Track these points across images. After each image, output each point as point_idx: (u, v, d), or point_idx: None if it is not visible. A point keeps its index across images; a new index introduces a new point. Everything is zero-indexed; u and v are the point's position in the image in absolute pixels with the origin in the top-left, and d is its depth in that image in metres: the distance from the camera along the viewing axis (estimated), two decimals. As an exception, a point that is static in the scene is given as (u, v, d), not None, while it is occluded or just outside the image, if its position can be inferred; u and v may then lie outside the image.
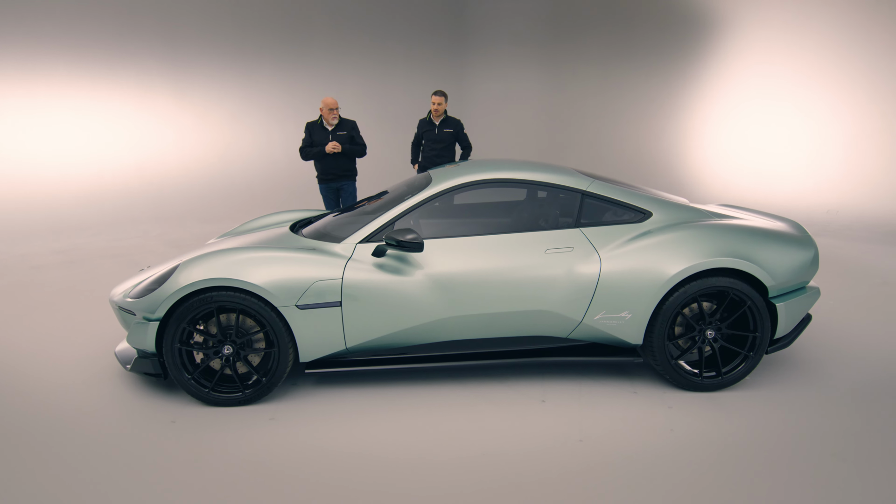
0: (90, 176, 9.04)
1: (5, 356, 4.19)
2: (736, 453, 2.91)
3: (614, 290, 3.45)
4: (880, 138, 8.56)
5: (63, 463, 2.88)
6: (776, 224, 3.89)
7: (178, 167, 9.83)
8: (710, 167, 10.75)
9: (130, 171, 9.41)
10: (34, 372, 3.92)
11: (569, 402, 3.45)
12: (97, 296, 5.55)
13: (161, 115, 9.72)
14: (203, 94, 10.07)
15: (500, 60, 13.13)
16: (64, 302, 5.39)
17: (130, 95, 9.38)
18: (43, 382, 3.76)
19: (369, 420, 3.26)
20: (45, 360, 4.11)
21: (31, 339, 4.49)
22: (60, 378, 3.81)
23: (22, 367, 4.00)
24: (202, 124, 10.11)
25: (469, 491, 2.64)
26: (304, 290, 3.32)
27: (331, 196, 6.59)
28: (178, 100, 9.84)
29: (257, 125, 10.67)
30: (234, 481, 2.73)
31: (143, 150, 9.57)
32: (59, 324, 4.82)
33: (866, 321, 4.67)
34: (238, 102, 10.46)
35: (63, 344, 4.39)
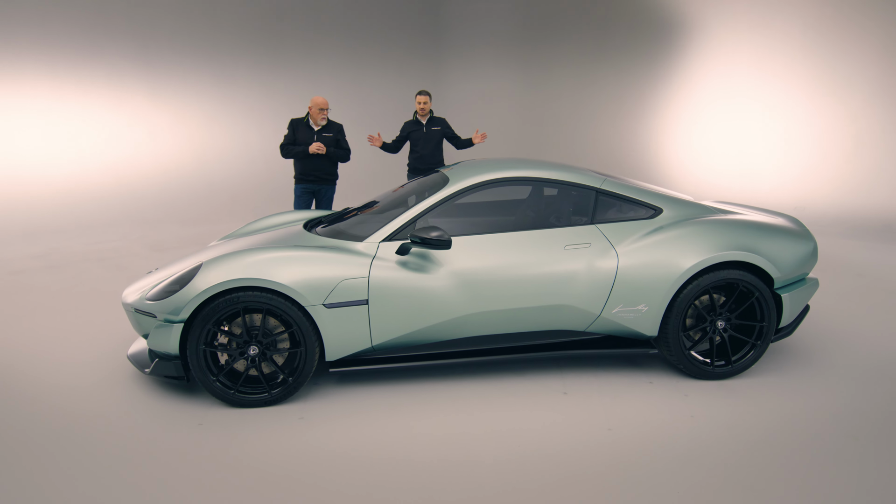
0: (63, 178, 8.78)
1: (11, 361, 4.06)
2: (758, 436, 3.05)
3: (632, 284, 3.57)
4: (845, 136, 8.99)
5: (95, 469, 2.83)
6: (776, 219, 4.08)
7: (154, 168, 9.62)
8: (681, 165, 11.09)
9: (105, 173, 9.17)
10: (47, 378, 3.81)
11: (590, 393, 3.55)
12: (91, 300, 5.41)
13: (135, 116, 9.50)
14: (178, 94, 9.88)
15: (476, 61, 13.25)
16: (57, 307, 5.24)
17: (103, 96, 9.14)
18: (58, 388, 3.66)
19: (400, 417, 3.30)
20: (54, 363, 4.00)
21: (35, 344, 4.36)
22: (72, 381, 3.72)
23: (32, 373, 3.89)
24: (178, 125, 9.91)
25: (515, 486, 2.70)
26: (332, 289, 3.33)
27: (305, 198, 6.38)
28: (153, 100, 9.64)
29: (234, 125, 10.52)
30: (272, 481, 2.73)
31: (117, 152, 9.34)
32: (59, 329, 4.68)
33: (853, 312, 4.92)
34: (214, 102, 10.30)
35: (68, 348, 4.28)
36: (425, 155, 6.74)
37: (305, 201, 6.43)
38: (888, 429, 3.12)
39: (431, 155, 6.76)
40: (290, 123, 6.31)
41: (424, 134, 6.73)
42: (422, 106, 6.69)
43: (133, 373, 3.87)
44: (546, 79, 12.91)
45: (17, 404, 3.46)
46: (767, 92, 9.86)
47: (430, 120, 6.77)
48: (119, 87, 9.27)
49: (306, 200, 6.44)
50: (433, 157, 6.77)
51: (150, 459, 2.90)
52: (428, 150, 6.74)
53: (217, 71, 10.25)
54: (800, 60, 9.41)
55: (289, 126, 6.30)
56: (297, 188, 6.39)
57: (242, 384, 3.40)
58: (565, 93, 12.70)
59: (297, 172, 6.36)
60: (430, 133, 6.74)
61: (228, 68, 10.37)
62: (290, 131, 6.27)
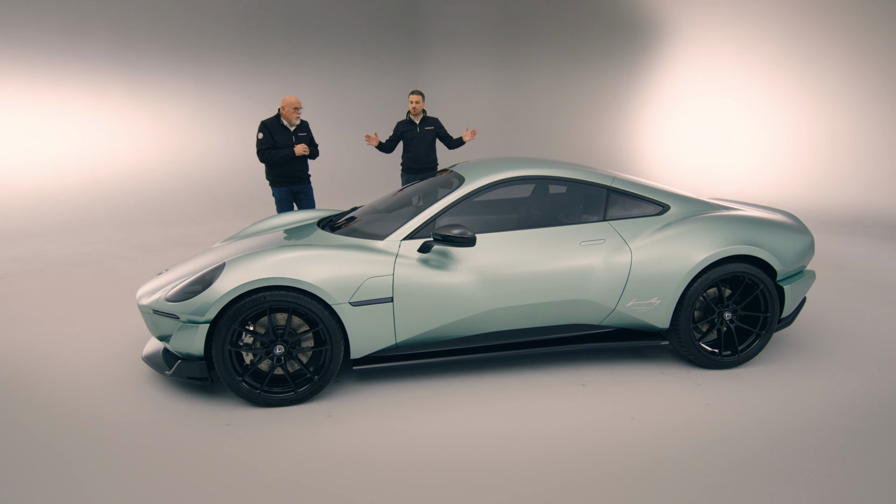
0: (39, 179, 8.52)
1: (24, 365, 3.96)
2: (773, 420, 3.20)
3: (645, 279, 3.69)
4: (818, 134, 9.36)
5: (126, 472, 2.80)
6: (775, 214, 4.27)
7: (134, 169, 9.42)
8: (656, 163, 11.38)
9: (83, 174, 8.94)
10: (64, 381, 3.73)
11: (606, 384, 3.67)
12: (85, 304, 5.30)
13: (114, 116, 9.29)
14: (157, 94, 9.69)
15: (455, 61, 13.33)
16: (49, 313, 5.12)
17: (80, 95, 8.92)
18: (77, 392, 3.60)
19: (426, 412, 3.35)
20: (67, 367, 3.92)
21: (41, 349, 4.26)
22: (91, 384, 3.66)
23: (47, 377, 3.81)
24: (157, 125, 9.73)
25: (553, 480, 2.78)
26: (357, 287, 3.36)
27: (287, 199, 6.21)
28: (132, 99, 9.43)
29: (215, 125, 10.38)
30: (307, 481, 2.75)
31: (96, 152, 9.12)
32: (60, 333, 4.58)
33: (839, 302, 5.15)
34: (194, 102, 10.14)
35: (76, 352, 4.20)
36: (419, 154, 6.79)
37: (288, 203, 6.25)
38: (893, 410, 3.31)
39: (425, 155, 6.81)
40: (263, 126, 5.98)
41: (418, 134, 6.77)
42: (414, 105, 6.73)
43: (148, 375, 3.83)
44: (524, 78, 13.07)
45: (38, 408, 3.39)
46: (741, 91, 10.20)
47: (424, 120, 6.81)
48: (97, 87, 9.05)
49: (289, 203, 6.27)
50: (427, 157, 6.82)
51: (182, 461, 2.89)
52: (422, 149, 6.79)
53: (197, 70, 10.09)
54: (772, 60, 9.76)
55: (261, 129, 5.96)
56: (279, 191, 6.12)
57: (267, 383, 3.40)
58: (543, 92, 12.88)
59: (275, 176, 6.07)
60: (424, 133, 6.79)
61: (209, 68, 10.22)
62: (265, 134, 5.94)
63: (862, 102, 8.89)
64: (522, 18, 12.92)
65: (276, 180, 6.10)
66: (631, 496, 2.59)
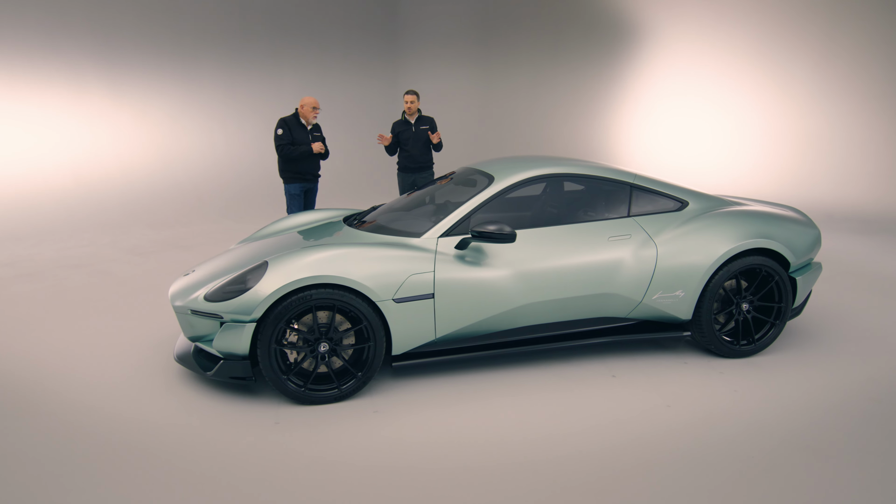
0: (20, 180, 8.24)
1: (43, 372, 3.87)
2: (799, 404, 3.39)
3: (670, 272, 3.85)
4: (790, 133, 9.78)
5: (182, 476, 2.80)
6: (784, 210, 4.49)
7: (117, 170, 9.19)
8: (636, 162, 11.68)
9: (64, 175, 8.69)
10: (92, 390, 3.67)
11: (635, 375, 3.80)
12: (91, 308, 5.19)
13: (95, 115, 9.05)
14: (140, 93, 9.48)
15: (434, 61, 13.41)
16: (56, 317, 4.99)
17: (61, 94, 8.66)
18: (114, 399, 3.55)
19: (468, 405, 3.42)
20: (92, 374, 3.85)
21: (52, 355, 4.16)
22: (126, 391, 3.61)
23: (73, 385, 3.73)
24: (140, 124, 9.52)
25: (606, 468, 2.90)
26: (400, 284, 3.42)
27: (300, 196, 6.33)
28: (114, 99, 9.21)
29: (198, 125, 10.20)
30: (369, 474, 2.80)
31: (77, 152, 8.86)
32: (74, 339, 4.49)
33: (834, 294, 5.43)
34: (177, 102, 9.95)
35: (98, 359, 4.12)
36: (415, 154, 6.84)
37: (300, 200, 6.38)
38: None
39: (421, 154, 6.86)
40: (283, 122, 6.17)
41: (413, 133, 6.82)
42: (409, 105, 6.78)
43: (181, 376, 3.79)
44: (503, 78, 13.23)
45: (79, 419, 3.34)
46: (715, 91, 10.57)
47: (419, 119, 6.87)
48: (78, 86, 8.81)
49: (301, 199, 6.39)
50: (423, 156, 6.88)
51: (242, 462, 2.90)
52: (417, 149, 6.84)
53: (180, 69, 9.90)
54: (746, 60, 10.15)
55: (281, 125, 6.15)
56: (293, 187, 6.28)
57: (313, 381, 3.42)
58: (522, 92, 13.07)
59: (291, 172, 6.24)
60: (419, 132, 6.84)
61: (191, 67, 10.04)
62: (285, 130, 6.13)
63: (832, 102, 9.33)
64: (501, 19, 13.08)
65: (292, 177, 6.23)
66: (688, 480, 2.72)
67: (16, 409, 3.40)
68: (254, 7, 10.81)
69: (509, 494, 2.61)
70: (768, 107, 10.00)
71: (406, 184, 6.88)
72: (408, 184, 6.88)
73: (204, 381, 3.72)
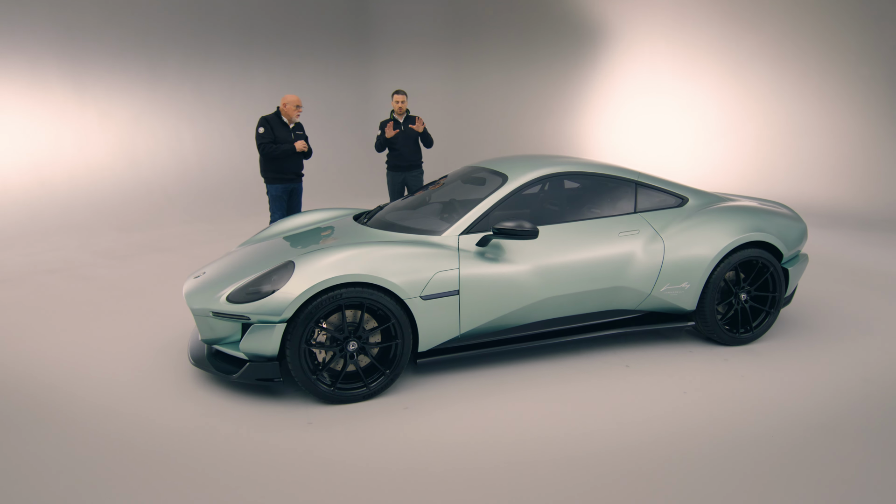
0: (-20, 183, 7.84)
1: (59, 379, 3.74)
2: (806, 386, 3.61)
3: (677, 265, 4.02)
4: (750, 130, 10.24)
5: (229, 481, 2.78)
6: (774, 205, 4.74)
7: (82, 170, 8.84)
8: (604, 160, 11.99)
9: (26, 175, 8.30)
10: (111, 396, 3.57)
11: (647, 364, 3.96)
12: (83, 314, 5.02)
13: (58, 114, 8.68)
14: (105, 91, 9.14)
15: (404, 60, 13.41)
16: (53, 323, 4.81)
17: (23, 93, 8.27)
18: (137, 406, 3.46)
19: (495, 398, 3.50)
20: (106, 378, 3.74)
21: (64, 360, 4.02)
22: (145, 397, 3.53)
23: (90, 392, 3.62)
24: (105, 123, 9.18)
25: (627, 450, 3.03)
26: (427, 282, 3.46)
27: (284, 197, 6.18)
28: (78, 97, 8.85)
29: (166, 124, 9.91)
30: (409, 469, 2.84)
31: (41, 153, 8.48)
32: (80, 345, 4.34)
33: (812, 285, 5.75)
34: (143, 100, 9.64)
35: (112, 363, 4.00)
36: (405, 153, 6.86)
37: (284, 201, 6.22)
38: (890, 373, 3.81)
39: (411, 153, 6.89)
40: (264, 121, 6.01)
41: (403, 132, 6.84)
42: (399, 105, 6.80)
43: (198, 380, 3.73)
44: (473, 77, 13.35)
45: (106, 429, 3.25)
46: (680, 89, 10.97)
47: (407, 118, 6.89)
48: (41, 84, 8.43)
49: (285, 201, 6.23)
50: (412, 155, 6.91)
51: (280, 464, 2.89)
52: (407, 148, 6.86)
53: (146, 67, 9.59)
54: (708, 60, 10.58)
55: (262, 124, 5.99)
56: (276, 188, 6.09)
57: (342, 380, 3.43)
58: (492, 91, 13.21)
59: (274, 172, 6.05)
60: (409, 131, 6.87)
61: (158, 64, 9.74)
62: (266, 129, 5.97)
63: (790, 100, 9.82)
64: (470, 19, 13.20)
65: (274, 177, 6.04)
66: (713, 456, 2.88)
67: (40, 417, 3.29)
68: (222, 3, 10.58)
69: (555, 485, 2.70)
70: (730, 105, 10.44)
71: (396, 182, 6.90)
72: (398, 182, 6.89)
73: (222, 384, 3.67)
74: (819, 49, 9.53)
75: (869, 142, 9.29)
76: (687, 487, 2.66)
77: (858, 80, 9.28)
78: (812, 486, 2.66)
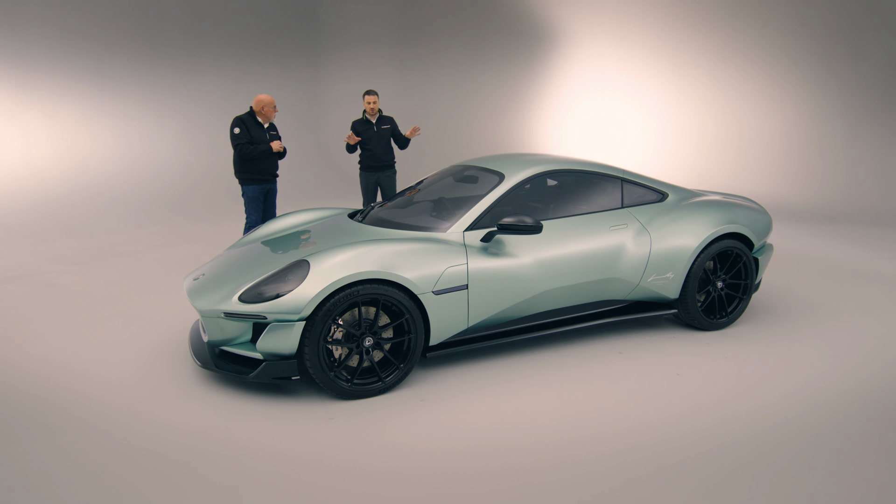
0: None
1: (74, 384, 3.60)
2: (778, 363, 3.93)
3: (662, 256, 4.28)
4: (693, 127, 10.84)
5: (266, 481, 2.80)
6: (741, 199, 5.09)
7: (26, 172, 8.40)
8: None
9: (-33, 180, 7.81)
10: (126, 401, 3.48)
11: (638, 350, 4.20)
12: (59, 321, 4.82)
13: (0, 114, 8.18)
14: (49, 90, 8.70)
15: (355, 60, 13.37)
16: (35, 332, 4.60)
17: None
18: (152, 412, 3.39)
19: (505, 386, 3.64)
20: (111, 384, 3.64)
21: (74, 367, 3.87)
22: (156, 402, 3.46)
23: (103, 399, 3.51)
24: (50, 123, 8.73)
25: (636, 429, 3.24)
26: (439, 277, 3.56)
27: (260, 198, 6.13)
28: (21, 96, 8.38)
29: (114, 123, 9.53)
30: (438, 460, 2.95)
31: (-19, 154, 8.00)
32: (73, 351, 4.18)
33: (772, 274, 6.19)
34: (90, 99, 9.23)
35: (112, 369, 3.88)
36: (378, 153, 6.89)
37: (260, 203, 6.16)
38: (857, 345, 4.20)
39: (384, 153, 6.93)
40: (239, 121, 5.92)
41: (376, 133, 6.88)
42: (371, 105, 6.84)
43: (208, 382, 3.69)
44: (424, 79, 13.46)
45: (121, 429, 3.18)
46: (626, 89, 11.47)
47: (380, 119, 6.94)
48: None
49: (261, 201, 6.17)
50: (385, 155, 6.95)
51: (311, 461, 2.93)
52: (380, 148, 6.90)
53: (92, 64, 9.18)
54: (653, 61, 11.12)
55: (237, 124, 5.90)
56: (253, 189, 6.03)
57: (357, 375, 3.48)
58: (444, 92, 13.36)
59: (250, 173, 6.00)
60: (381, 131, 6.91)
61: (105, 61, 9.34)
62: (242, 130, 5.89)
63: (729, 99, 10.48)
64: (422, 19, 13.30)
65: (250, 178, 5.97)
66: (714, 424, 3.12)
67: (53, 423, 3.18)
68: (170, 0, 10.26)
69: (579, 463, 2.87)
70: (674, 102, 11.02)
71: (369, 183, 6.92)
72: (371, 183, 6.92)
73: (227, 385, 3.65)
74: (759, 49, 10.20)
75: (804, 139, 10.02)
76: (698, 457, 2.88)
77: (796, 81, 10.00)
78: (798, 446, 2.95)
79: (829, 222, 8.55)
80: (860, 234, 7.77)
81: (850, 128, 9.80)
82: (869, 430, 3.15)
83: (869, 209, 9.09)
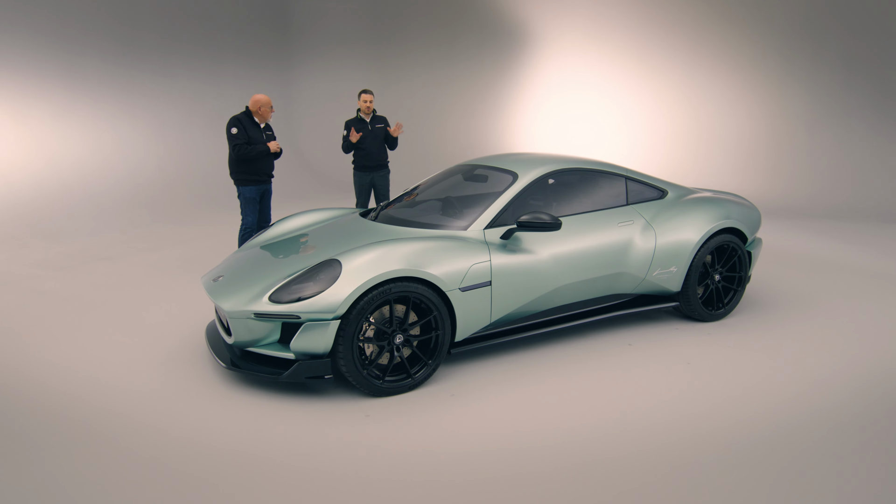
0: None
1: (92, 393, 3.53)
2: (778, 347, 4.17)
3: (666, 251, 4.47)
4: (664, 126, 11.20)
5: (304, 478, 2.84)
6: (732, 196, 5.33)
7: (-4, 174, 8.07)
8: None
9: (-66, 183, 7.47)
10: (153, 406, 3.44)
11: (646, 342, 4.38)
12: (60, 327, 4.71)
13: (-33, 113, 7.86)
14: (19, 89, 8.38)
15: (328, 60, 13.30)
16: (34, 339, 4.47)
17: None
18: (183, 417, 3.36)
19: (528, 378, 3.76)
20: (133, 390, 3.59)
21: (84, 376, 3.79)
22: (184, 406, 3.44)
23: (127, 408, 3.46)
24: (20, 124, 8.42)
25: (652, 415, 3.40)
26: (465, 274, 3.65)
27: (257, 199, 6.07)
28: (-11, 94, 8.07)
29: (86, 123, 9.24)
30: (477, 453, 3.04)
31: (-52, 156, 7.66)
32: (82, 358, 4.09)
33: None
34: (61, 98, 8.93)
35: (131, 376, 3.82)
36: (372, 152, 6.91)
37: (256, 204, 6.11)
38: (843, 329, 4.48)
39: (378, 152, 6.96)
40: (236, 121, 5.86)
41: (370, 132, 6.90)
42: (367, 105, 6.85)
43: (234, 383, 3.68)
44: (398, 79, 13.48)
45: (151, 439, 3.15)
46: (599, 88, 11.77)
47: (374, 118, 6.96)
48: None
49: (257, 203, 6.12)
50: (380, 155, 6.98)
51: (347, 457, 2.98)
52: (374, 147, 6.92)
53: (64, 63, 8.88)
54: (625, 61, 11.45)
55: (234, 124, 5.83)
56: (249, 190, 5.97)
57: (388, 373, 3.54)
58: (417, 92, 13.41)
59: (247, 173, 5.93)
60: (375, 130, 6.94)
61: (77, 60, 9.05)
62: (239, 130, 5.83)
63: (703, 97, 10.88)
64: (394, 21, 13.32)
65: (247, 178, 5.91)
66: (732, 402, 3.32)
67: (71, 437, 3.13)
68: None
69: (609, 448, 3.01)
70: (645, 101, 11.37)
71: (364, 182, 6.94)
72: (366, 182, 6.94)
73: (254, 385, 3.65)
74: (726, 50, 10.62)
75: (769, 137, 10.49)
76: (718, 441, 3.06)
77: (760, 81, 10.46)
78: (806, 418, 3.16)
79: (794, 217, 9.00)
80: (824, 228, 8.22)
81: (810, 126, 10.31)
82: (861, 396, 3.39)
83: (830, 204, 9.59)
